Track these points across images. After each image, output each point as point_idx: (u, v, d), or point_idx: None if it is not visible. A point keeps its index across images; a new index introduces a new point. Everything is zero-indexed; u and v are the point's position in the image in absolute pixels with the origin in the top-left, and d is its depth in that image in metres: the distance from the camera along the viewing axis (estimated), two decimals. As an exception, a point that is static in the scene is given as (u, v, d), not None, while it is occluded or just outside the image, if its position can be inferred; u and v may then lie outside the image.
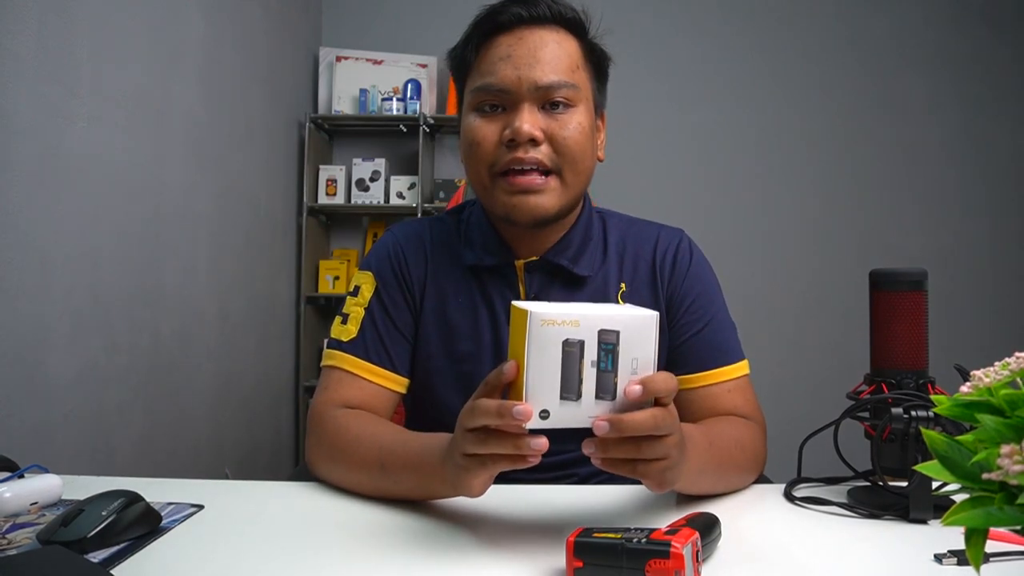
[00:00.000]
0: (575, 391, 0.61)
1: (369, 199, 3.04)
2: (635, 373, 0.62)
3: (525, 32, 0.89)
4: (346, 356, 0.93)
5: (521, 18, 0.88)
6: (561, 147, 0.88)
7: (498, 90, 0.88)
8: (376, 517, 0.77)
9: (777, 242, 3.16)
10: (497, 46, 0.89)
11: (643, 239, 1.00)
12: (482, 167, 0.90)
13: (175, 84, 2.03)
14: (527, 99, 0.87)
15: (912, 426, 0.76)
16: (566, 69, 0.88)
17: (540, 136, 0.87)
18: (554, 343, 0.60)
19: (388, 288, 0.96)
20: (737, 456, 0.84)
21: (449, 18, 3.32)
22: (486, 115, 0.90)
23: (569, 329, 0.60)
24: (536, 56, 0.87)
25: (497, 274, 0.96)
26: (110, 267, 1.73)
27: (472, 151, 0.90)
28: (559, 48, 0.89)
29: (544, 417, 0.61)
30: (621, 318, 0.61)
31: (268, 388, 2.72)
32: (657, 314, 0.63)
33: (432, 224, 1.02)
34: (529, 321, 0.60)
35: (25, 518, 0.74)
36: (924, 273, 0.82)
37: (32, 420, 1.47)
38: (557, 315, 0.60)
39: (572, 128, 0.88)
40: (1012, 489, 0.35)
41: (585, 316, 0.61)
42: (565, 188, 0.90)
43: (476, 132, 0.89)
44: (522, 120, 0.86)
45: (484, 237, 0.96)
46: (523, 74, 0.87)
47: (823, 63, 3.16)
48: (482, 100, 0.89)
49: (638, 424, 0.60)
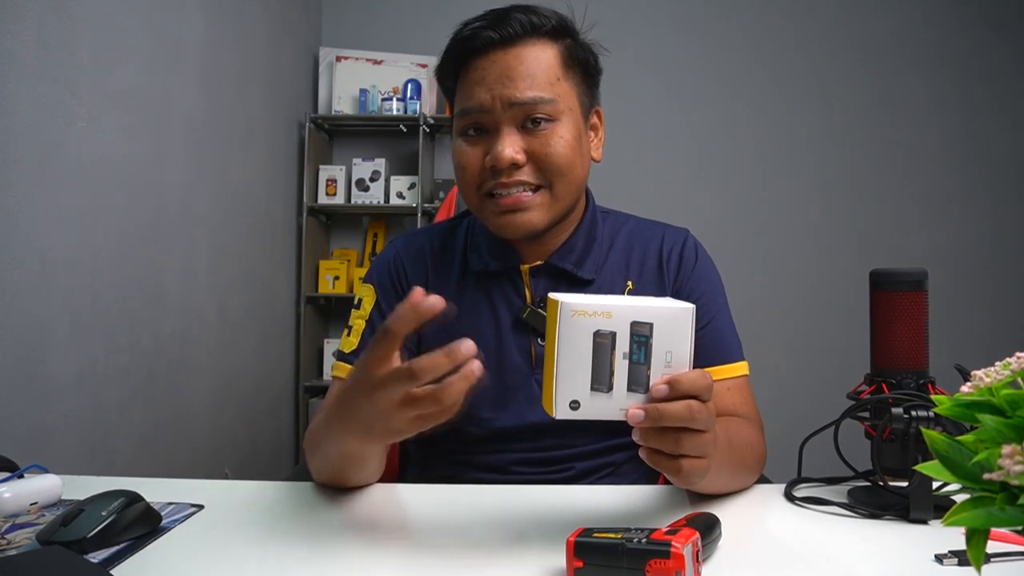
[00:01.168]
0: (606, 383, 0.61)
1: (369, 199, 3.04)
2: (669, 366, 0.61)
3: (498, 54, 0.88)
4: (347, 367, 0.94)
5: (492, 41, 0.88)
6: (545, 164, 0.88)
7: (477, 112, 0.88)
8: (376, 517, 0.77)
9: (777, 242, 3.16)
10: (473, 70, 0.89)
11: (649, 238, 1.01)
12: (471, 189, 0.91)
13: (175, 84, 2.03)
14: (505, 121, 0.87)
15: (912, 426, 0.76)
16: (543, 84, 0.87)
17: (521, 159, 0.87)
18: (585, 334, 0.60)
19: (388, 299, 0.98)
20: (748, 457, 0.85)
21: (449, 18, 3.30)
22: (470, 139, 0.90)
23: (601, 320, 0.60)
24: (510, 76, 0.87)
25: (503, 279, 0.97)
26: (110, 267, 1.73)
27: (459, 175, 0.92)
28: (535, 63, 0.88)
29: (574, 408, 0.61)
30: (655, 310, 0.61)
31: (268, 388, 2.73)
32: (693, 307, 0.62)
33: (435, 233, 1.03)
34: (560, 311, 0.60)
35: (25, 518, 0.74)
36: (924, 273, 0.82)
37: (32, 420, 1.47)
38: (589, 306, 0.60)
39: (555, 144, 0.88)
40: (1013, 489, 0.35)
41: (618, 307, 0.60)
42: (555, 200, 0.90)
43: (462, 156, 0.91)
44: (502, 146, 0.86)
45: (489, 243, 0.97)
46: (496, 93, 0.87)
47: (823, 63, 3.16)
48: (464, 125, 0.90)
49: (672, 413, 0.59)
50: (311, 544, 0.69)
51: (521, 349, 0.95)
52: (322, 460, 0.82)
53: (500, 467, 0.95)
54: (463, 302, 0.96)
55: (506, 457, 0.95)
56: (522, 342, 0.95)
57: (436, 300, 0.60)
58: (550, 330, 0.61)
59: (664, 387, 0.60)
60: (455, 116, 0.92)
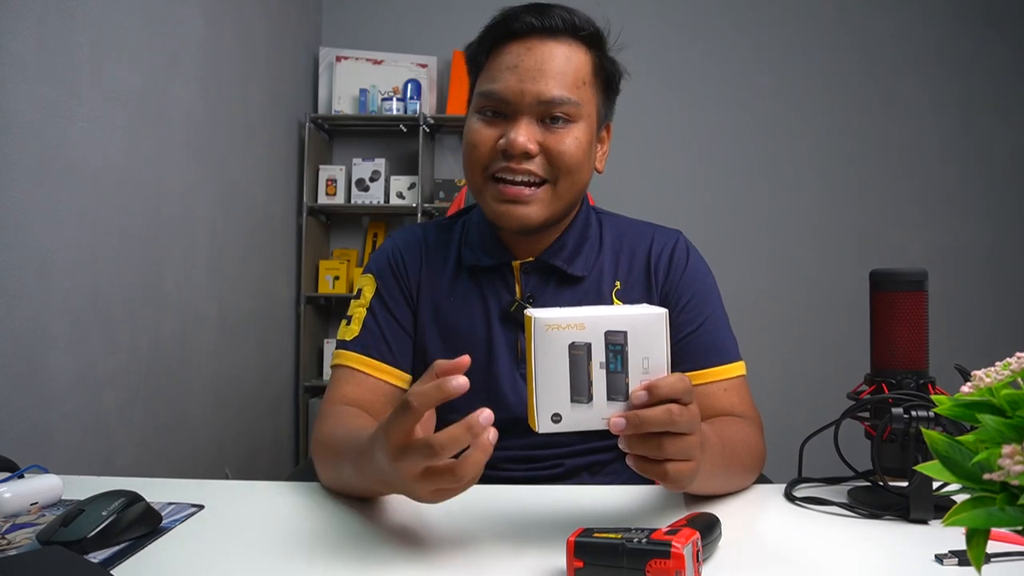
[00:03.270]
0: (585, 393, 0.61)
1: (369, 199, 3.04)
2: (647, 372, 0.61)
3: (535, 43, 0.89)
4: (349, 354, 0.96)
5: (533, 27, 0.89)
6: (556, 160, 0.89)
7: (500, 99, 0.89)
8: (376, 517, 0.77)
9: (777, 242, 3.16)
10: (507, 53, 0.90)
11: (638, 239, 1.02)
12: (477, 168, 0.92)
13: (175, 84, 2.03)
14: (526, 112, 0.88)
15: (912, 426, 0.76)
16: (571, 84, 0.89)
17: (534, 149, 0.88)
18: (561, 347, 0.61)
19: (388, 287, 0.99)
20: (744, 457, 0.85)
21: (449, 18, 3.33)
22: (487, 119, 0.91)
23: (575, 332, 0.60)
24: (542, 69, 0.88)
25: (494, 274, 0.99)
26: (110, 267, 1.73)
27: (469, 151, 0.92)
28: (567, 62, 0.89)
29: (556, 421, 0.61)
30: (627, 318, 0.61)
31: (268, 388, 2.72)
32: (666, 311, 0.62)
33: (431, 228, 1.05)
34: (534, 327, 0.61)
35: (25, 518, 0.74)
36: (924, 273, 0.82)
37: (32, 420, 1.47)
38: (562, 319, 0.60)
39: (568, 143, 0.89)
40: (1013, 489, 0.35)
41: (591, 318, 0.61)
42: (556, 198, 0.91)
43: (475, 134, 0.91)
44: (517, 133, 0.87)
45: (483, 238, 0.99)
46: (526, 87, 0.88)
47: (823, 63, 3.16)
48: (484, 105, 0.91)
49: (653, 418, 0.60)
50: (311, 544, 0.69)
51: (508, 344, 0.97)
52: (339, 480, 0.81)
53: (491, 463, 0.95)
54: (455, 295, 0.99)
55: (496, 454, 0.95)
56: (509, 337, 0.97)
57: (461, 383, 0.58)
58: (528, 345, 0.62)
59: (643, 393, 0.60)
60: (476, 93, 0.92)
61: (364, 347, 0.95)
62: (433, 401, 0.59)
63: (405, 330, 0.98)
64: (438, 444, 0.58)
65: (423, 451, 0.59)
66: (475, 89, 0.94)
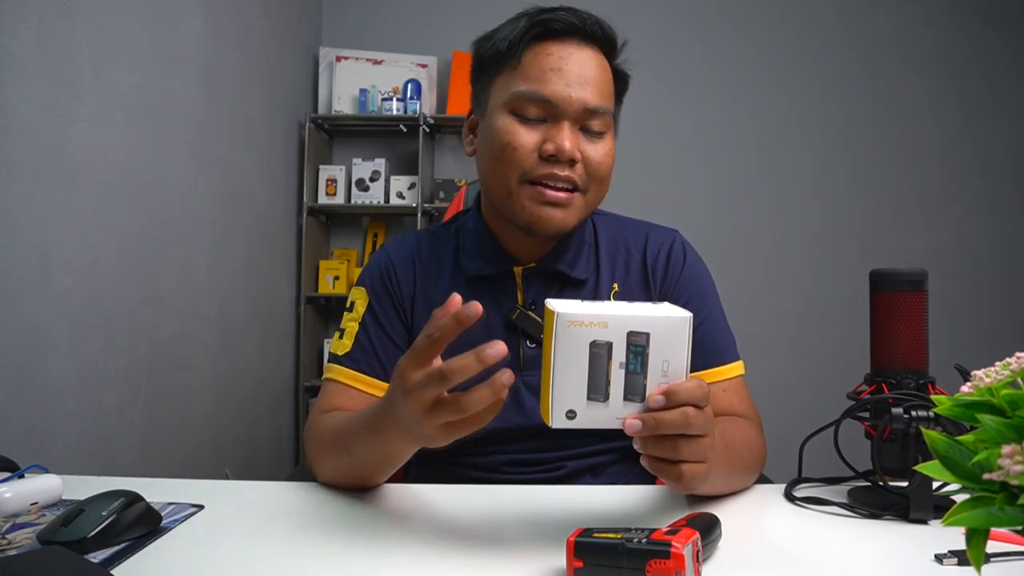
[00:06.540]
0: (602, 392, 0.61)
1: (369, 199, 3.04)
2: (665, 376, 0.61)
3: (574, 48, 0.88)
4: (341, 369, 0.95)
5: (574, 27, 0.88)
6: (593, 170, 0.89)
7: (544, 101, 0.87)
8: (376, 517, 0.77)
9: (777, 242, 3.16)
10: (547, 54, 0.88)
11: (634, 239, 1.01)
12: (512, 172, 0.88)
13: (175, 84, 2.03)
14: (570, 118, 0.87)
15: (912, 426, 0.76)
16: (607, 95, 0.90)
17: (579, 157, 0.87)
18: (581, 344, 0.60)
19: (380, 302, 0.98)
20: (746, 457, 0.85)
21: (449, 18, 3.33)
22: (526, 122, 0.88)
23: (597, 330, 0.60)
24: (585, 77, 0.87)
25: (494, 281, 0.97)
26: (110, 267, 1.73)
27: (505, 154, 0.88)
28: (603, 72, 0.90)
29: (571, 417, 0.61)
30: (652, 320, 0.60)
31: (268, 388, 2.72)
32: (691, 316, 0.62)
33: (423, 238, 1.03)
34: (556, 322, 0.60)
35: (25, 518, 0.74)
36: (924, 273, 0.82)
37: (32, 420, 1.47)
38: (585, 316, 0.60)
39: (604, 153, 0.89)
40: (1013, 489, 0.35)
41: (614, 317, 0.60)
42: (585, 206, 0.91)
43: (513, 136, 0.87)
44: (565, 139, 0.86)
45: (481, 245, 0.97)
46: (575, 93, 0.86)
47: (823, 63, 3.16)
48: (523, 106, 0.88)
49: (669, 421, 0.60)
50: (311, 544, 0.69)
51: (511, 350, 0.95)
52: (347, 461, 0.81)
53: (492, 467, 0.95)
54: None
55: (497, 459, 0.95)
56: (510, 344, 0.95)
57: (475, 308, 0.61)
58: (547, 339, 0.61)
59: (660, 398, 0.60)
60: (513, 92, 0.88)
61: (356, 362, 0.94)
62: (454, 331, 0.61)
63: (397, 345, 0.96)
64: (448, 369, 0.60)
65: (435, 378, 0.61)
66: (498, 84, 0.90)
